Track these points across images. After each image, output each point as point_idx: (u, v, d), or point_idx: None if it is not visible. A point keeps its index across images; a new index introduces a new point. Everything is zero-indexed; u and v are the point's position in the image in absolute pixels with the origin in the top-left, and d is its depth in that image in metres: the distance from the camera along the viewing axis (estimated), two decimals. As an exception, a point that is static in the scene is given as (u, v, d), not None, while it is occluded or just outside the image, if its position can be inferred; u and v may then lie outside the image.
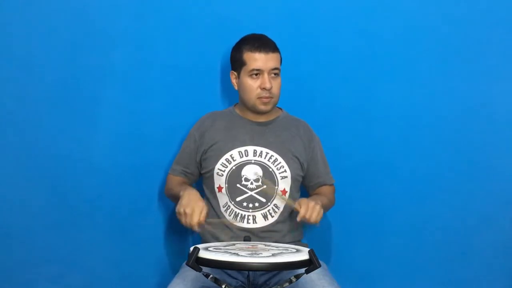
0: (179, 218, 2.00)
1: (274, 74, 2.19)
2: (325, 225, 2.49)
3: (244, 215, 2.18)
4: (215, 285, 1.85)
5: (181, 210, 1.98)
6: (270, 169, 2.20)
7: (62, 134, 2.38)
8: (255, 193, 2.18)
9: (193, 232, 2.31)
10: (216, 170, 2.20)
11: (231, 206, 2.19)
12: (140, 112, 2.42)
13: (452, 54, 2.47)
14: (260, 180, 2.18)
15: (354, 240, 2.51)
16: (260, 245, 1.94)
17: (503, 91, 2.48)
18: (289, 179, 2.21)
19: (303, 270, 1.75)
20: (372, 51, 2.46)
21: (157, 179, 2.42)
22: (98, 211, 2.41)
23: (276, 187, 2.19)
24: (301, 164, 2.25)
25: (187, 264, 1.72)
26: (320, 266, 1.73)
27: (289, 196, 2.19)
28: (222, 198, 2.20)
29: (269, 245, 1.95)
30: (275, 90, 2.20)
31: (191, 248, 1.73)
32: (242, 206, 2.18)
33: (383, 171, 2.49)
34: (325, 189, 2.31)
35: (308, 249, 1.76)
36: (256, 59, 2.17)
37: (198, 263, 1.71)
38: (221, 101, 2.44)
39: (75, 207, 2.40)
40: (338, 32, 2.45)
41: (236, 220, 2.17)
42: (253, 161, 2.21)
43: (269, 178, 2.18)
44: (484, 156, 2.49)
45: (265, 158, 2.21)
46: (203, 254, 1.71)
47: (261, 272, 2.09)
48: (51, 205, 2.39)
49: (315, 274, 1.95)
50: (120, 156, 2.42)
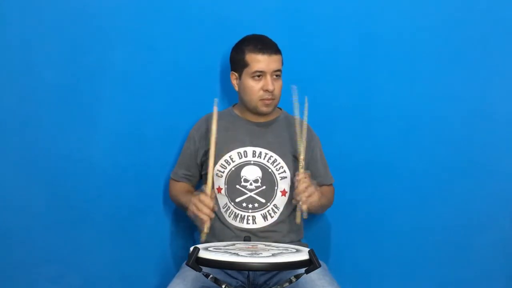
0: (193, 217, 2.03)
1: (276, 76, 2.19)
2: (325, 225, 2.49)
3: (244, 216, 2.18)
4: (215, 285, 1.85)
5: (193, 208, 2.01)
6: (270, 170, 2.20)
7: (62, 134, 2.38)
8: (254, 194, 2.18)
9: (196, 233, 2.31)
10: (215, 171, 2.20)
11: (231, 207, 2.19)
12: (140, 112, 2.42)
13: (452, 54, 2.47)
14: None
15: (354, 240, 2.51)
16: (260, 245, 1.94)
17: (503, 91, 2.48)
18: (289, 180, 2.21)
19: (303, 270, 1.75)
20: (372, 52, 2.46)
21: (157, 179, 2.42)
22: (98, 211, 2.41)
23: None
24: (301, 164, 2.25)
25: (187, 264, 1.71)
26: (320, 266, 1.73)
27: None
28: (222, 199, 2.20)
29: (269, 245, 1.95)
30: (277, 92, 2.19)
31: (191, 248, 1.73)
32: (242, 207, 2.18)
33: (383, 171, 2.49)
34: (324, 189, 2.31)
35: (308, 249, 1.76)
36: (259, 61, 2.16)
37: (198, 263, 1.71)
38: (221, 102, 2.44)
39: (75, 207, 2.40)
40: (338, 32, 2.45)
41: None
42: (252, 162, 2.21)
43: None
44: (484, 156, 2.49)
45: (264, 159, 2.21)
46: (203, 254, 1.71)
47: (261, 272, 2.09)
48: (51, 205, 2.39)
49: (315, 274, 1.95)
50: (120, 156, 2.42)
